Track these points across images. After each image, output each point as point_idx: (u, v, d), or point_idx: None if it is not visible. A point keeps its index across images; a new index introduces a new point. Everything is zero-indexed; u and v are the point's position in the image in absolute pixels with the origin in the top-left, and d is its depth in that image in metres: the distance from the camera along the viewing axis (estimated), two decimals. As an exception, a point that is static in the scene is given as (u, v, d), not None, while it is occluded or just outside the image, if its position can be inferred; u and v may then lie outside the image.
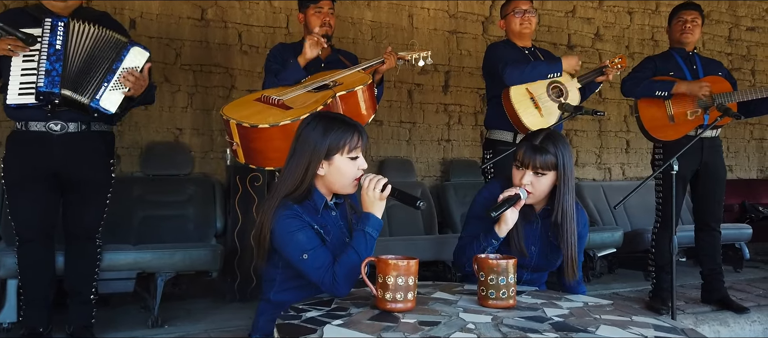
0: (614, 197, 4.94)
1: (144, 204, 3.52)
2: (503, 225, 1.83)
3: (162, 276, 2.97)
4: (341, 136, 1.62)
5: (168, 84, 3.84)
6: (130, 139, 3.75)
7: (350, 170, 1.63)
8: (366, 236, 1.58)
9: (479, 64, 4.64)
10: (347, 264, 1.56)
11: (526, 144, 1.84)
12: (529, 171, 1.82)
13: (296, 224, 1.58)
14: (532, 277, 1.98)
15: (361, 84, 2.45)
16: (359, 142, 1.64)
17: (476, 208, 2.00)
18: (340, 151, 1.62)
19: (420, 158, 4.59)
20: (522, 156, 1.83)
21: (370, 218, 1.59)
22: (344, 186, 1.65)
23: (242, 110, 2.33)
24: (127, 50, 2.39)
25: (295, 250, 1.57)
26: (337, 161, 1.63)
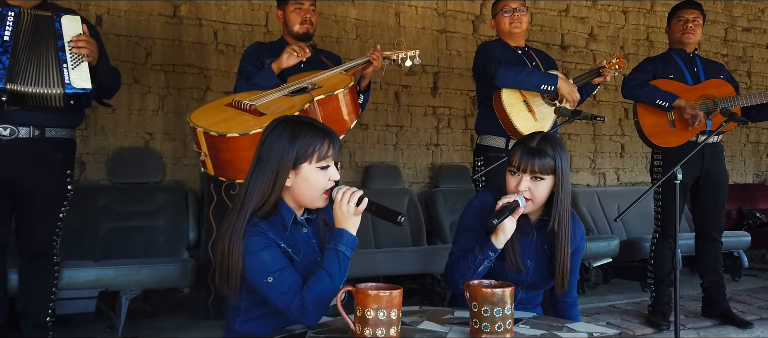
0: (609, 203, 4.90)
1: (110, 215, 3.37)
2: (501, 236, 1.71)
3: (127, 295, 2.83)
4: (310, 142, 1.49)
5: (137, 85, 3.69)
6: (96, 144, 3.59)
7: (320, 181, 1.50)
8: (339, 256, 1.45)
9: (469, 64, 4.57)
10: (318, 289, 1.43)
11: (522, 147, 1.74)
12: (526, 176, 1.72)
13: (260, 242, 1.44)
14: (528, 296, 1.87)
15: (341, 87, 2.31)
16: (330, 150, 1.51)
17: (468, 219, 1.88)
18: (308, 159, 1.49)
19: (407, 164, 4.49)
20: (518, 160, 1.73)
21: (344, 234, 1.46)
22: (313, 199, 1.51)
23: (211, 117, 2.19)
24: (59, 22, 2.20)
25: (259, 272, 1.43)
26: (304, 170, 1.50)
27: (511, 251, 1.76)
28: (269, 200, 1.49)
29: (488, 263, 1.73)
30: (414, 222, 4.09)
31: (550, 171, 1.71)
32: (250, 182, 1.50)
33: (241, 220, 1.46)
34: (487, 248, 1.72)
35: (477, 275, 1.72)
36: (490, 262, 1.73)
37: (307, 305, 1.41)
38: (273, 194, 1.49)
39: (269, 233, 1.46)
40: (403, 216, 1.44)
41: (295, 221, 1.54)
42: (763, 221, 5.18)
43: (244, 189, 1.51)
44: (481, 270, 1.73)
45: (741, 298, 3.92)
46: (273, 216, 1.50)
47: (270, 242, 1.45)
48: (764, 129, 6.11)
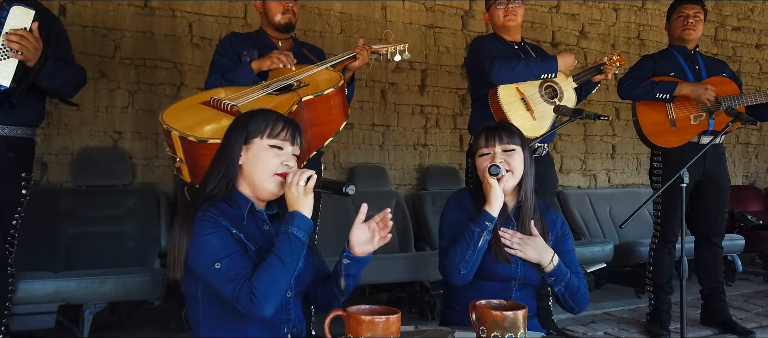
0: (601, 205, 4.84)
1: (74, 221, 3.18)
2: (494, 202, 1.71)
3: (90, 308, 2.65)
4: (264, 120, 1.48)
5: (105, 80, 3.50)
6: (60, 144, 3.40)
7: (270, 160, 1.46)
8: (291, 239, 1.37)
9: (458, 61, 4.65)
10: (268, 275, 1.34)
11: (484, 129, 1.82)
12: (497, 148, 1.76)
13: (209, 227, 1.38)
14: (521, 295, 1.80)
15: (331, 86, 2.16)
16: (285, 132, 1.48)
17: (451, 215, 1.86)
18: (259, 134, 1.47)
19: (394, 165, 4.36)
20: (485, 139, 1.79)
21: (296, 216, 1.39)
22: (262, 180, 1.46)
23: (187, 117, 2.00)
24: (6, 12, 2.01)
25: (207, 257, 1.35)
26: (255, 146, 1.47)
27: (495, 243, 1.75)
28: (222, 181, 1.45)
29: (487, 236, 1.70)
30: (401, 227, 3.97)
31: (519, 141, 1.78)
32: (208, 170, 1.49)
33: (193, 207, 1.42)
34: (482, 219, 1.70)
35: (478, 251, 1.70)
36: (489, 234, 1.71)
37: (256, 293, 1.32)
38: (225, 176, 1.45)
39: (221, 220, 1.40)
40: (349, 185, 1.38)
41: (253, 212, 1.48)
42: (754, 223, 5.12)
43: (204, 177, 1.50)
44: (482, 246, 1.70)
45: (738, 304, 3.89)
46: (227, 205, 1.45)
47: (220, 227, 1.39)
48: (754, 130, 6.09)
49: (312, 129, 2.11)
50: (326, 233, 3.44)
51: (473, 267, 1.70)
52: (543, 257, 1.75)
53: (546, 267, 1.76)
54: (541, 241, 1.77)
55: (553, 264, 1.76)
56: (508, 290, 1.78)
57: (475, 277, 1.74)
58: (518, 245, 1.75)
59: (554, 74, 2.72)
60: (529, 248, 1.75)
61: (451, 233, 1.79)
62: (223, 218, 1.40)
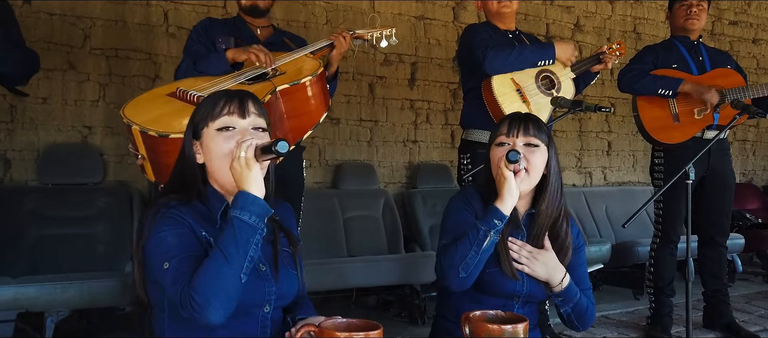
0: (597, 204, 4.78)
1: (40, 221, 3.01)
2: (507, 197, 1.49)
3: (52, 317, 2.49)
4: (205, 105, 1.30)
5: (74, 72, 3.35)
6: (24, 139, 3.24)
7: (220, 146, 1.26)
8: (235, 226, 1.16)
9: (450, 54, 4.54)
10: (208, 273, 1.14)
11: (510, 117, 1.62)
12: (519, 139, 1.56)
13: (169, 222, 1.22)
14: (523, 312, 1.59)
15: (309, 74, 2.02)
16: (228, 107, 1.27)
17: (456, 214, 1.65)
18: (205, 122, 1.28)
19: (383, 162, 4.25)
20: (508, 127, 1.58)
21: (240, 197, 1.19)
22: (222, 172, 1.27)
23: (150, 110, 1.87)
24: None
25: (159, 257, 1.20)
26: (204, 138, 1.29)
27: (504, 252, 1.56)
28: (182, 176, 1.30)
29: (494, 236, 1.49)
30: (390, 227, 3.87)
31: (545, 140, 1.57)
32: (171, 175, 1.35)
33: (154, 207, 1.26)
34: (491, 216, 1.49)
35: (482, 253, 1.48)
36: (497, 235, 1.50)
37: (195, 295, 1.12)
38: (188, 181, 1.29)
39: (187, 218, 1.24)
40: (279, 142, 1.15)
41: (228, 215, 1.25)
42: (753, 222, 5.02)
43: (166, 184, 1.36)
44: (487, 247, 1.49)
45: (740, 306, 3.79)
46: (198, 203, 1.28)
47: (182, 225, 1.23)
48: (751, 126, 6.00)
49: (289, 121, 1.98)
50: (309, 234, 3.36)
51: (474, 271, 1.49)
52: (553, 276, 1.56)
53: (555, 288, 1.58)
54: (553, 257, 1.57)
55: (563, 285, 1.56)
56: (510, 306, 1.59)
57: (476, 289, 1.56)
58: (527, 259, 1.55)
59: (551, 61, 2.61)
60: (539, 264, 1.55)
61: (454, 232, 1.57)
62: (191, 216, 1.24)
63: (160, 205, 1.25)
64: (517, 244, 1.56)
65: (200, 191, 1.29)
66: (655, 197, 2.34)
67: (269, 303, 1.29)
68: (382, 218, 3.86)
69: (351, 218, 3.76)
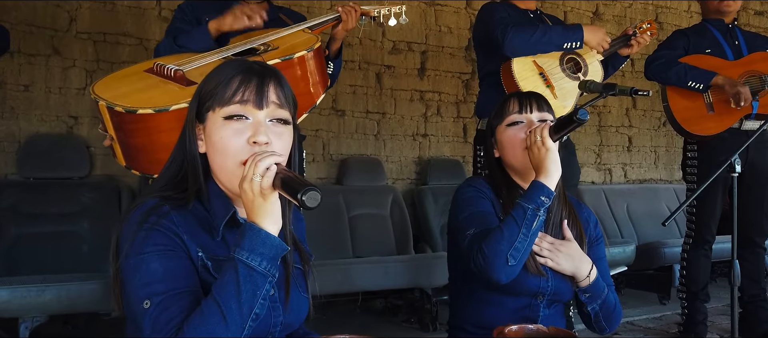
0: (617, 202, 4.64)
1: (19, 218, 2.86)
2: (553, 170, 1.35)
3: (27, 323, 2.32)
4: (214, 78, 1.03)
5: (58, 57, 3.22)
6: (4, 130, 3.10)
7: (230, 140, 0.99)
8: (239, 274, 0.91)
9: (462, 43, 4.39)
10: (198, 330, 0.90)
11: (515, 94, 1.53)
12: (533, 115, 1.46)
13: (157, 240, 0.96)
14: (550, 313, 1.48)
15: (303, 48, 1.81)
16: (245, 90, 1.00)
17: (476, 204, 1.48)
18: (212, 104, 1.02)
19: (391, 157, 4.14)
20: (517, 104, 1.48)
21: (248, 232, 0.94)
22: (228, 174, 1.01)
23: (123, 86, 1.68)
24: None
25: (138, 288, 0.94)
26: (209, 124, 1.03)
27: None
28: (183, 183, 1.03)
29: (543, 216, 1.33)
30: (398, 226, 3.76)
31: (554, 116, 1.49)
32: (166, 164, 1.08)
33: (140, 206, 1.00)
34: (536, 193, 1.33)
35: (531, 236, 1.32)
36: (544, 214, 1.34)
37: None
38: (186, 175, 1.03)
39: (181, 232, 0.98)
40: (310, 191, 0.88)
41: (233, 223, 1.04)
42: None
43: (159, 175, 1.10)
44: (536, 229, 1.33)
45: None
46: (197, 207, 1.03)
47: (173, 245, 0.96)
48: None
49: None
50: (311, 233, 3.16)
51: (523, 257, 1.33)
52: (579, 268, 1.40)
53: (582, 282, 1.40)
54: (577, 248, 1.42)
55: (591, 278, 1.41)
56: (535, 307, 1.42)
57: (495, 290, 1.38)
58: (549, 252, 1.38)
59: (579, 45, 2.41)
60: (563, 256, 1.39)
61: (481, 221, 1.41)
62: (185, 227, 0.98)
63: (148, 210, 0.98)
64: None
65: (201, 190, 1.03)
66: (698, 192, 2.09)
67: (273, 334, 1.05)
68: (390, 216, 3.76)
69: (357, 217, 3.68)
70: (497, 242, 1.30)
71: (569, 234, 1.43)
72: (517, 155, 1.42)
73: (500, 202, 1.47)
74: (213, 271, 0.98)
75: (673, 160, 5.29)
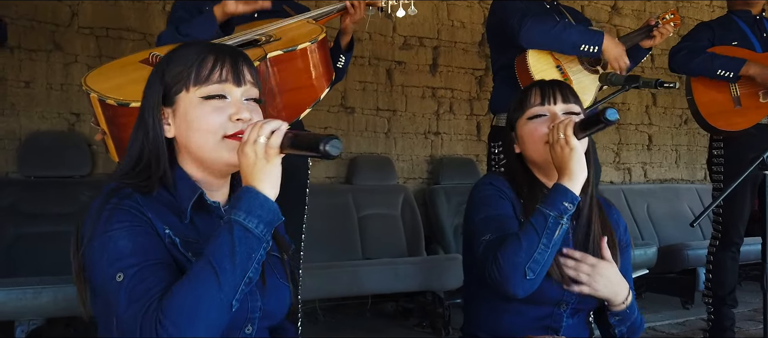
0: (637, 203, 4.58)
1: (19, 218, 2.84)
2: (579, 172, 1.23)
3: (23, 325, 2.30)
4: (182, 61, 1.02)
5: (60, 53, 3.18)
6: (4, 127, 3.07)
7: (207, 118, 0.99)
8: (235, 233, 0.90)
9: (475, 38, 4.31)
10: (189, 291, 0.87)
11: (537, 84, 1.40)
12: (557, 107, 1.34)
13: (121, 219, 0.93)
14: (573, 323, 1.38)
15: (307, 39, 1.73)
16: (218, 69, 1.00)
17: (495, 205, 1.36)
18: (183, 84, 1.01)
19: (402, 156, 4.10)
20: (540, 94, 1.36)
21: (247, 196, 0.92)
22: (206, 149, 1.00)
23: (116, 77, 1.62)
24: None
25: (108, 265, 0.91)
26: (182, 104, 1.01)
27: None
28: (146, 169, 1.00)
29: (566, 223, 1.20)
30: (410, 227, 3.72)
31: (581, 108, 1.38)
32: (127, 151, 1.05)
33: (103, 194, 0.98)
34: (558, 197, 1.21)
35: (553, 247, 1.20)
36: (568, 221, 1.21)
37: (166, 321, 0.85)
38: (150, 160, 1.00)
39: (145, 210, 0.96)
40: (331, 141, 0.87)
41: (201, 206, 1.03)
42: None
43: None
44: (557, 239, 1.21)
45: None
46: (162, 190, 1.00)
47: (141, 221, 0.95)
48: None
49: (283, 96, 1.70)
50: (319, 234, 3.17)
51: (543, 270, 1.21)
52: (617, 294, 1.29)
53: (616, 307, 1.29)
54: (616, 271, 1.30)
55: (627, 302, 1.30)
56: (557, 316, 1.31)
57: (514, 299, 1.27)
58: (588, 276, 1.26)
59: (597, 51, 2.26)
60: (602, 280, 1.26)
61: (498, 225, 1.31)
62: (151, 208, 0.97)
63: (109, 194, 0.95)
64: (575, 256, 1.27)
65: (166, 176, 1.00)
66: (728, 191, 1.97)
67: (252, 323, 1.01)
68: (400, 216, 3.71)
69: (366, 217, 3.63)
70: (514, 253, 1.19)
71: (608, 254, 1.30)
72: (539, 150, 1.31)
73: (521, 202, 1.35)
74: (182, 248, 0.96)
75: (695, 159, 5.17)
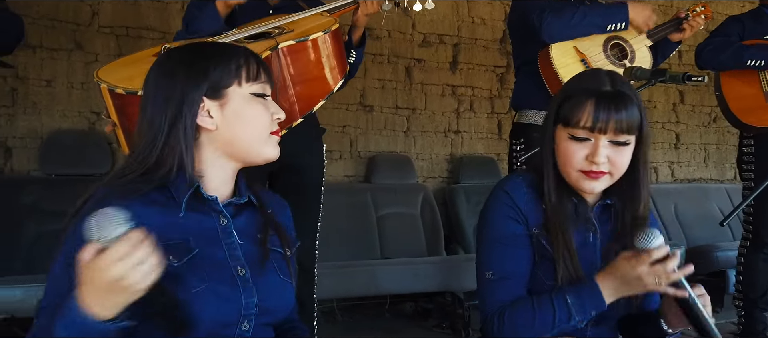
0: (665, 203, 4.45)
1: (40, 216, 2.83)
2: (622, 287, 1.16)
3: None
4: (233, 58, 1.03)
5: (80, 52, 3.20)
6: (26, 126, 3.09)
7: (260, 116, 1.04)
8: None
9: (496, 35, 4.24)
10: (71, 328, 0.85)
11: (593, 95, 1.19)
12: (604, 139, 1.18)
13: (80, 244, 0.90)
14: (597, 332, 1.27)
15: (319, 30, 1.72)
16: (262, 71, 1.06)
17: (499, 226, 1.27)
18: (234, 80, 1.03)
19: (421, 154, 4.07)
20: (591, 117, 1.17)
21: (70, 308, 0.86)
22: (256, 144, 1.04)
23: (128, 70, 1.63)
24: None
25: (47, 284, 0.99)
26: (234, 97, 1.03)
27: (566, 255, 1.21)
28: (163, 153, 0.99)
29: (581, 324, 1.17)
30: (429, 226, 3.68)
31: (637, 127, 1.20)
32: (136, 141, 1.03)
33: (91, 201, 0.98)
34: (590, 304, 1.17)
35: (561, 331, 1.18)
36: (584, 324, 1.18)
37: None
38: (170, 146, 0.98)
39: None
40: None
41: (198, 198, 1.01)
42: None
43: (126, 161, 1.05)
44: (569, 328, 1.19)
45: None
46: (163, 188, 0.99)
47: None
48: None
49: (296, 87, 1.68)
50: (337, 233, 3.17)
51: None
52: None
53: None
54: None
55: None
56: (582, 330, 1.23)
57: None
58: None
59: (624, 25, 2.22)
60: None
61: (501, 249, 1.25)
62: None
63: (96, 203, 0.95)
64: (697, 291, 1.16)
65: (170, 173, 0.97)
66: (760, 190, 1.91)
67: (248, 320, 0.99)
68: (420, 216, 3.68)
69: (385, 216, 3.61)
70: (524, 325, 1.17)
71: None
72: (570, 174, 1.22)
73: (543, 208, 1.24)
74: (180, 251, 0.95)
75: (725, 158, 5.02)
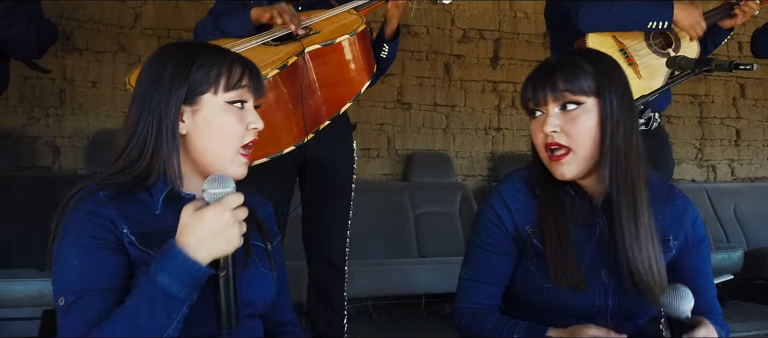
0: (723, 203, 4.30)
1: None
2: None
3: None
4: (213, 63, 1.02)
5: (124, 54, 3.31)
6: (73, 126, 3.22)
7: (232, 125, 1.02)
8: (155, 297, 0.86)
9: (539, 29, 4.15)
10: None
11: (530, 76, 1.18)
12: (552, 107, 1.12)
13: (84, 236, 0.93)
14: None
15: (346, 32, 1.71)
16: (244, 78, 1.03)
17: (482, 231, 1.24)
18: (210, 86, 1.01)
19: (461, 152, 4.05)
20: (532, 89, 1.14)
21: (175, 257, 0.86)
22: (222, 156, 1.01)
23: None
24: None
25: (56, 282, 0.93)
26: (206, 105, 1.01)
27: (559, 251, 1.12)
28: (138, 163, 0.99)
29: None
30: (468, 225, 3.62)
31: (590, 91, 1.11)
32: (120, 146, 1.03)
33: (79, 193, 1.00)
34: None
35: None
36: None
37: None
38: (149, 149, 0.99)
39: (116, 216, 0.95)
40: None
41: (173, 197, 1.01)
42: None
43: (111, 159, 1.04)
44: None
45: None
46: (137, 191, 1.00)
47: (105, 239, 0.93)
48: None
49: (323, 91, 1.69)
50: (373, 232, 3.18)
51: None
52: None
53: None
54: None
55: None
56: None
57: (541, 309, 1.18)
58: None
59: (667, 25, 2.09)
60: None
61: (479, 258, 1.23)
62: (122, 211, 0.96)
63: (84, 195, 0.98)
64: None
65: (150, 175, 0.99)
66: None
67: None
68: (458, 215, 3.64)
69: (423, 215, 3.60)
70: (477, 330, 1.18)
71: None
72: (544, 160, 1.15)
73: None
74: (139, 244, 0.95)
75: (790, 156, 4.76)
